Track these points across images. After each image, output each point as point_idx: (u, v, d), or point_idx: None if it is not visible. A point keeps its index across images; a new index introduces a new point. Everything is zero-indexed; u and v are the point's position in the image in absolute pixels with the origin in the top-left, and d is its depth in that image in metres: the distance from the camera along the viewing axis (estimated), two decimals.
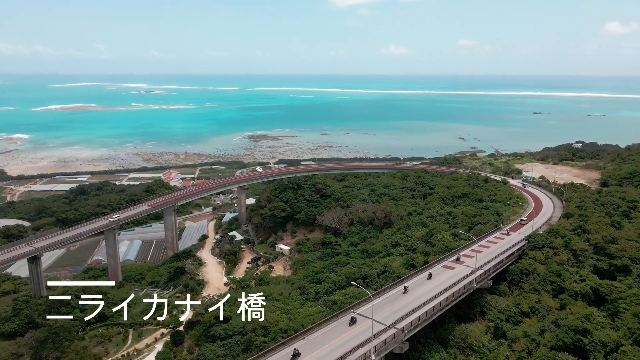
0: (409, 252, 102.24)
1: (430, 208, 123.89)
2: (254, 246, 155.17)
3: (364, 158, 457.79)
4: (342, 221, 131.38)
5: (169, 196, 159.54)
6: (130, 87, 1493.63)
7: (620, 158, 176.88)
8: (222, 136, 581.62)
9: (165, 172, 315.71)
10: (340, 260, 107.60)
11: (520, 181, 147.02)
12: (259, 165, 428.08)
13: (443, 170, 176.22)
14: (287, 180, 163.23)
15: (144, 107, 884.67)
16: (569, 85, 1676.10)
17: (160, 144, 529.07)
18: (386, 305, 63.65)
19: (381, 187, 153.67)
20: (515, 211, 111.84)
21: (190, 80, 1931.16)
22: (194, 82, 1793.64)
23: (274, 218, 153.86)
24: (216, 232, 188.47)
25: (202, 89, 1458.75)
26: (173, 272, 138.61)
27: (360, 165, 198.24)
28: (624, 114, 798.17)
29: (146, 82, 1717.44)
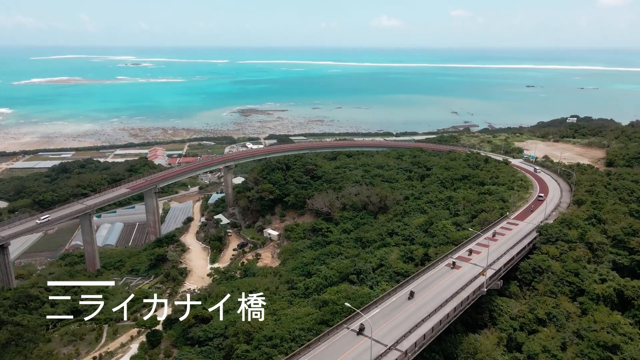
0: (406, 242, 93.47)
1: (428, 192, 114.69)
2: (240, 230, 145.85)
3: (356, 133, 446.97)
4: (333, 206, 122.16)
5: (150, 177, 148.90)
6: (116, 59, 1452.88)
7: (624, 135, 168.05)
8: (211, 111, 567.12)
9: (151, 150, 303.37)
10: (332, 251, 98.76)
11: (532, 165, 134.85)
12: (249, 140, 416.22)
13: (440, 149, 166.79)
14: (275, 160, 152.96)
15: (131, 81, 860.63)
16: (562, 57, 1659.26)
17: (147, 119, 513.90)
18: (388, 315, 54.76)
19: (375, 168, 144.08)
20: (521, 196, 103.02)
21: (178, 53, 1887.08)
22: (182, 55, 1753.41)
23: (262, 201, 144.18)
24: (202, 214, 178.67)
25: (191, 62, 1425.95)
26: (154, 259, 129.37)
27: (353, 144, 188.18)
28: (616, 86, 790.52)
29: (133, 55, 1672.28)
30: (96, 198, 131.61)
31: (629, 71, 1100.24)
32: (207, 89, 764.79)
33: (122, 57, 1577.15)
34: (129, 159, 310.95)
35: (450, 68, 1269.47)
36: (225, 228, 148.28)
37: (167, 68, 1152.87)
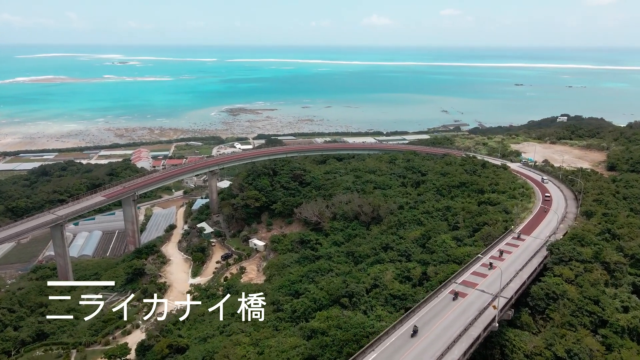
0: (402, 258, 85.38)
1: (424, 201, 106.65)
2: (225, 240, 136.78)
3: (346, 132, 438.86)
4: (323, 215, 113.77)
5: (128, 184, 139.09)
6: (103, 58, 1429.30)
7: (624, 137, 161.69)
8: (199, 110, 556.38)
9: (135, 151, 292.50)
10: (322, 267, 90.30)
11: (531, 170, 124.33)
12: (237, 140, 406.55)
13: (434, 152, 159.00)
14: (262, 165, 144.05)
15: (117, 80, 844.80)
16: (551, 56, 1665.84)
17: (134, 119, 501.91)
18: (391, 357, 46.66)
19: (367, 173, 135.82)
20: (524, 206, 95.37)
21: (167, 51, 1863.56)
22: (171, 53, 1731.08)
23: (247, 209, 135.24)
24: (185, 221, 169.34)
25: (179, 60, 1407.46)
26: (131, 273, 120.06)
27: (343, 146, 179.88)
28: (604, 85, 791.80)
29: (121, 53, 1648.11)
30: (69, 207, 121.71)
31: (616, 70, 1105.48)
32: (196, 87, 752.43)
33: (110, 55, 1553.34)
34: (113, 161, 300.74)
35: (441, 67, 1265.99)
36: (208, 237, 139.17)
37: (155, 67, 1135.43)
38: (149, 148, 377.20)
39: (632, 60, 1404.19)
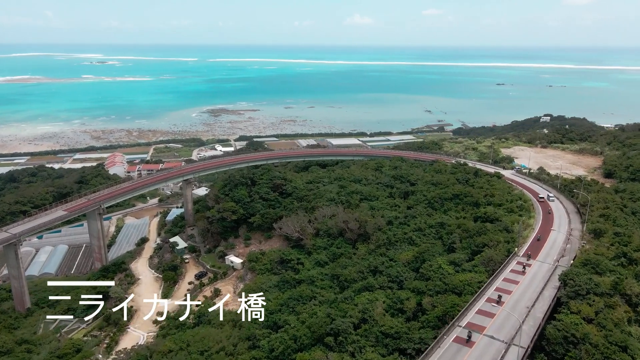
0: (393, 284, 75.66)
1: (415, 215, 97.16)
2: (199, 256, 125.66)
3: (330, 134, 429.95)
4: (305, 231, 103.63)
5: (93, 196, 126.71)
6: (82, 57, 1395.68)
7: (617, 141, 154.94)
8: (180, 111, 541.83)
9: (110, 156, 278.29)
10: (304, 294, 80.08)
11: (544, 195, 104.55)
12: (218, 142, 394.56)
13: (422, 158, 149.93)
14: (239, 174, 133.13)
15: (96, 80, 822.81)
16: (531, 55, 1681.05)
17: (111, 120, 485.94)
18: None
19: (352, 182, 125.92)
20: (525, 222, 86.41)
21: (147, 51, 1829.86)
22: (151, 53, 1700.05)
23: (223, 222, 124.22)
24: (159, 233, 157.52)
25: (160, 60, 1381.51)
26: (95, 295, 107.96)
27: (327, 152, 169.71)
28: (585, 84, 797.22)
29: (101, 53, 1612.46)
30: (24, 224, 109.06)
31: (596, 69, 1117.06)
32: (177, 87, 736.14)
33: (89, 55, 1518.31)
34: (87, 165, 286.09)
35: (423, 66, 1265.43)
36: (181, 254, 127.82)
37: (135, 66, 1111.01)
38: (126, 151, 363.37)
39: (611, 60, 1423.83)
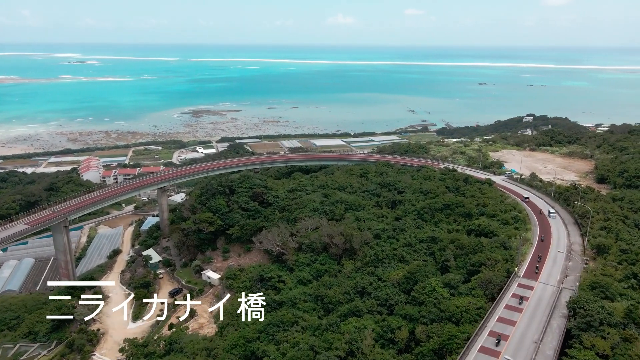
0: (382, 309, 68.74)
1: (404, 228, 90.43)
2: (174, 271, 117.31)
3: (313, 134, 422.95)
4: (287, 245, 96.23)
5: (58, 208, 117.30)
6: (59, 56, 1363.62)
7: (607, 144, 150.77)
8: (160, 112, 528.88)
9: (84, 160, 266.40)
10: (285, 319, 72.56)
11: (547, 211, 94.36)
12: (199, 144, 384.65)
13: (409, 163, 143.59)
14: (217, 182, 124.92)
15: (74, 80, 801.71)
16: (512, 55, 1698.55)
17: (89, 122, 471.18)
18: None
19: (336, 191, 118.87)
20: (522, 236, 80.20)
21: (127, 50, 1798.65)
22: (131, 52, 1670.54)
23: (200, 234, 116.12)
24: (133, 244, 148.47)
25: (140, 60, 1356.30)
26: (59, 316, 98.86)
27: (310, 157, 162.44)
28: (565, 84, 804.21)
29: (79, 52, 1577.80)
30: None
31: (575, 69, 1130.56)
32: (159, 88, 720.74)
33: (66, 54, 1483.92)
34: (61, 169, 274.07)
35: (406, 66, 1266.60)
36: (155, 268, 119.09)
37: (114, 66, 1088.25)
38: (104, 153, 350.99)
39: (589, 60, 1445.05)
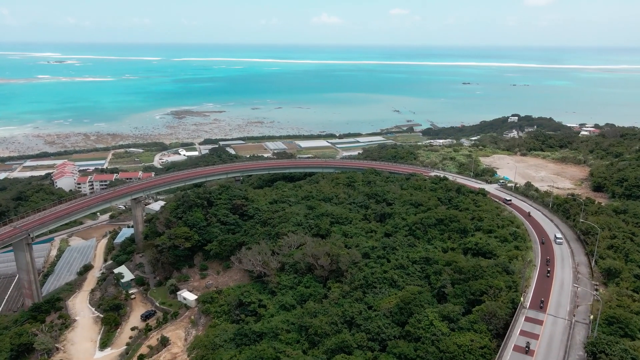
0: (374, 344, 61.18)
1: (395, 247, 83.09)
2: (148, 290, 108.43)
3: (298, 135, 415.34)
4: (268, 265, 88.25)
5: (20, 223, 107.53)
6: (38, 56, 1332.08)
7: (600, 149, 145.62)
8: (142, 113, 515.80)
9: (59, 165, 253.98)
10: (265, 355, 64.58)
11: (553, 235, 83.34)
12: (182, 146, 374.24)
13: (397, 170, 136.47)
14: (194, 194, 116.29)
15: (52, 80, 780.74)
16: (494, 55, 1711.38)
17: (68, 124, 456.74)
18: None
19: (321, 202, 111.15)
20: (523, 255, 73.42)
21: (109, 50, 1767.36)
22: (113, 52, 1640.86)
23: (176, 250, 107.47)
24: (105, 259, 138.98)
25: (122, 59, 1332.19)
26: (17, 347, 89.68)
27: (294, 163, 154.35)
28: (547, 83, 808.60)
29: (59, 51, 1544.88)
30: None
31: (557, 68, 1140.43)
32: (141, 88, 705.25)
33: (46, 53, 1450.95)
34: (35, 174, 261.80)
35: (391, 65, 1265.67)
36: (127, 287, 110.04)
37: (95, 66, 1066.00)
38: (82, 157, 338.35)
39: (570, 59, 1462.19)
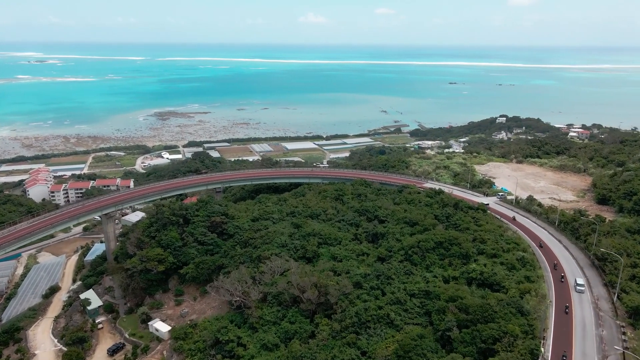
0: None
1: (391, 276, 73.78)
2: (117, 319, 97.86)
3: (284, 137, 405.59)
4: (249, 295, 78.45)
5: None
6: (18, 56, 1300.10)
7: (600, 156, 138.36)
8: (124, 114, 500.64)
9: (32, 172, 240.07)
10: None
11: (573, 281, 68.48)
12: (165, 149, 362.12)
13: (389, 181, 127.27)
14: (169, 210, 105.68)
15: (33, 80, 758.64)
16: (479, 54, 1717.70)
17: (47, 126, 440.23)
18: None
19: (308, 219, 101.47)
20: (537, 289, 64.69)
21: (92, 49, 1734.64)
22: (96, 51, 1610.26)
23: (148, 274, 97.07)
24: (74, 279, 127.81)
25: (105, 59, 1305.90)
26: None
27: (279, 174, 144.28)
28: (533, 82, 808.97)
29: (41, 51, 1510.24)
30: None
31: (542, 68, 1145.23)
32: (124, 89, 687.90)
33: (26, 53, 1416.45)
34: (8, 180, 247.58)
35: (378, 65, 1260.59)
36: (95, 315, 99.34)
37: (78, 65, 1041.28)
38: (61, 160, 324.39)
39: (555, 59, 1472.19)
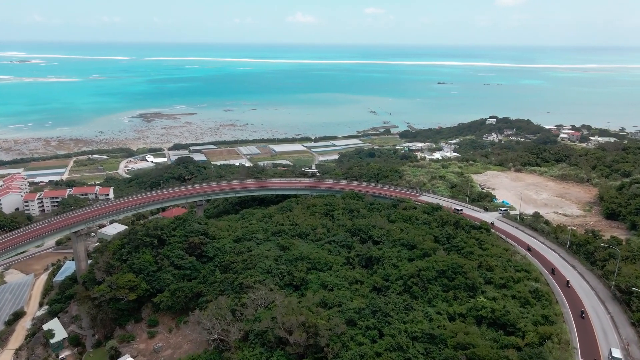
0: None
1: (388, 313, 64.83)
2: (83, 353, 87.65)
3: (272, 139, 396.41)
4: (229, 334, 68.92)
5: None
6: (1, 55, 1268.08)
7: (603, 165, 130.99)
8: (108, 115, 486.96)
9: (6, 178, 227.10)
10: None
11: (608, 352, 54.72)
12: (149, 152, 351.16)
13: (382, 194, 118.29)
14: (142, 230, 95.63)
15: (14, 81, 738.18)
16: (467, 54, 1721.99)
17: (27, 128, 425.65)
18: None
19: (295, 239, 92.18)
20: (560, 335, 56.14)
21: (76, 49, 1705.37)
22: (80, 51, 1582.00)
23: (118, 303, 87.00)
24: (41, 302, 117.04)
25: (90, 59, 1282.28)
26: None
27: (264, 185, 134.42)
28: (521, 82, 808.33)
29: (24, 50, 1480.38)
30: None
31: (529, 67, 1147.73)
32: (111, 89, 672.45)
33: (9, 52, 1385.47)
34: None
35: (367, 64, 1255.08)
36: (59, 348, 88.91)
37: (61, 65, 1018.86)
38: (41, 164, 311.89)
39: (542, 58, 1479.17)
